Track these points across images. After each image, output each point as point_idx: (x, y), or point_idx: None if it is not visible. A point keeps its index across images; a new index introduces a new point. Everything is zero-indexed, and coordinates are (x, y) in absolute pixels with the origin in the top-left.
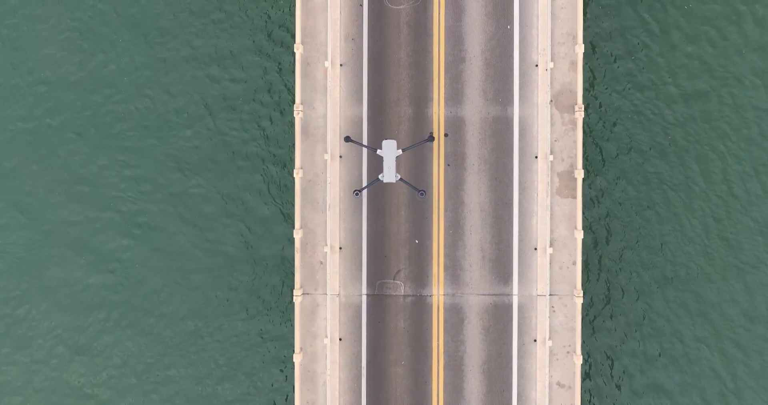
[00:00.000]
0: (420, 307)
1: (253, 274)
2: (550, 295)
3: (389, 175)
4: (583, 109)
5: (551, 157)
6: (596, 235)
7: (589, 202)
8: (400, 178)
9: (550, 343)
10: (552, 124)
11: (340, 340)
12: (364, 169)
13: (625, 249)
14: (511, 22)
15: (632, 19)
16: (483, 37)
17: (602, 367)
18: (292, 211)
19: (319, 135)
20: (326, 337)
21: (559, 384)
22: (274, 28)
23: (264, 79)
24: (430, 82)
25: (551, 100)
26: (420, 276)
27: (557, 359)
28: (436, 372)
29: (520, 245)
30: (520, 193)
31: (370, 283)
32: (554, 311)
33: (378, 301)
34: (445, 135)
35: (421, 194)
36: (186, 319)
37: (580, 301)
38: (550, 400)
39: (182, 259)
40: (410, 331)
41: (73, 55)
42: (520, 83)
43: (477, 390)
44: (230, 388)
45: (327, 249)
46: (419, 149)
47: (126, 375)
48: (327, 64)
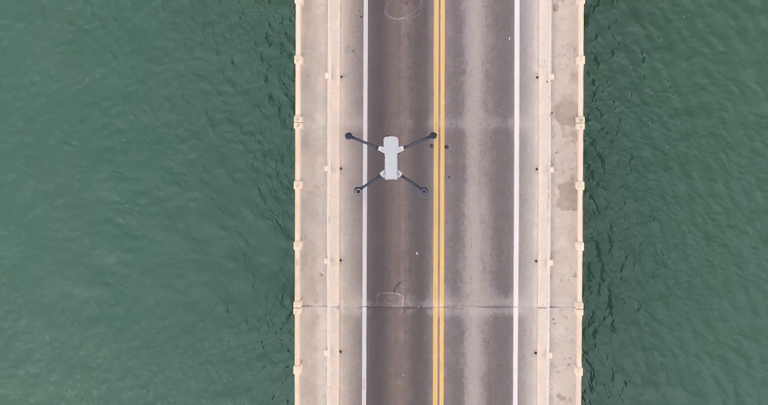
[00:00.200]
0: (420, 320)
1: (252, 287)
2: (551, 308)
3: (391, 172)
4: (584, 120)
5: (552, 169)
6: (599, 243)
7: (592, 213)
8: (402, 175)
9: (550, 356)
10: (552, 136)
11: (341, 352)
12: (365, 181)
13: (628, 257)
14: (512, 34)
15: (634, 30)
16: (483, 48)
17: (604, 377)
18: (287, 223)
19: (319, 147)
20: (326, 349)
21: (559, 396)
22: (274, 39)
23: (263, 91)
24: (430, 93)
25: (552, 112)
26: (420, 288)
27: (558, 371)
28: (436, 384)
29: (520, 257)
30: (521, 205)
31: (370, 295)
32: (555, 323)
33: (378, 314)
34: (446, 147)
35: (423, 191)
36: (184, 333)
37: (580, 314)
38: None
39: (179, 272)
40: (410, 343)
41: (72, 67)
42: (520, 95)
43: (477, 402)
44: (230, 401)
45: (327, 261)
46: (420, 161)
47: (123, 389)
48: (327, 75)
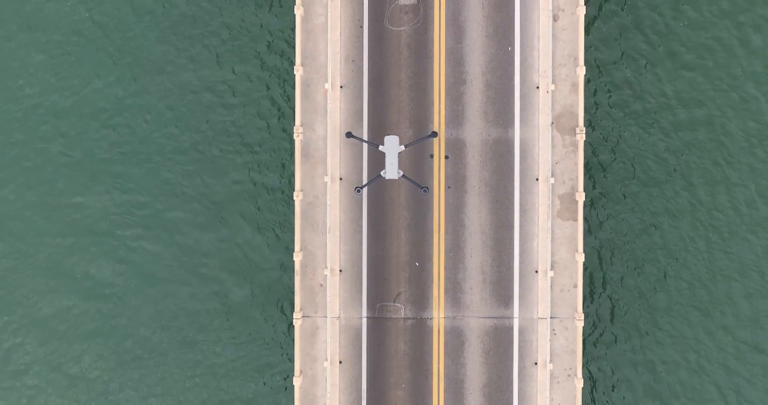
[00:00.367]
0: (420, 330)
1: (251, 297)
2: (551, 318)
3: (392, 171)
4: (584, 131)
5: (552, 180)
6: (601, 252)
7: (594, 223)
8: (403, 175)
9: (550, 366)
10: (553, 147)
11: (340, 362)
12: (365, 191)
13: (629, 267)
14: (512, 44)
15: (636, 39)
16: (484, 58)
17: (605, 388)
18: (286, 234)
19: (319, 157)
20: (326, 359)
21: None
22: (274, 49)
23: (262, 103)
24: (430, 104)
25: (552, 122)
26: (420, 299)
27: (558, 382)
28: (436, 395)
29: (520, 268)
30: (521, 216)
31: (370, 306)
32: (555, 334)
33: (378, 324)
34: (446, 157)
35: (424, 191)
36: (183, 345)
37: (581, 324)
38: None
39: (178, 284)
40: (410, 353)
41: (70, 78)
42: (521, 105)
43: None
44: None
45: (327, 271)
46: (420, 172)
47: (122, 401)
48: (327, 85)
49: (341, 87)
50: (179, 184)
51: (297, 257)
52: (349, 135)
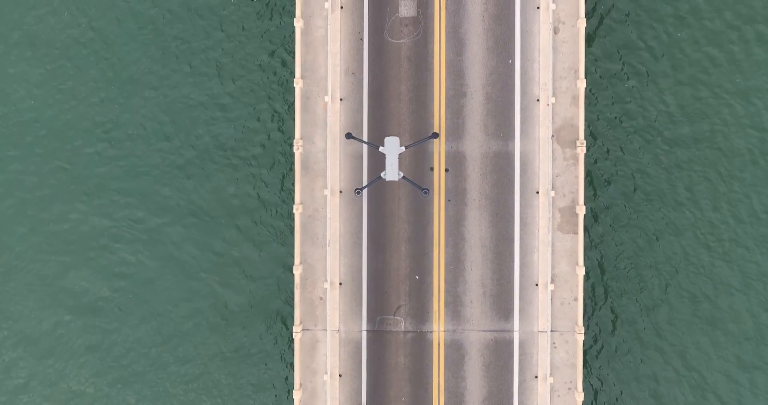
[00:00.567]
0: (420, 343)
1: (249, 309)
2: (552, 332)
3: (392, 173)
4: (585, 144)
5: (552, 193)
6: (603, 262)
7: (595, 233)
8: (403, 176)
9: (551, 380)
10: (553, 160)
11: (340, 376)
12: (365, 204)
13: (632, 278)
14: (513, 57)
15: (637, 52)
16: (484, 71)
17: (606, 400)
18: (284, 247)
19: (318, 170)
20: (326, 373)
21: None
22: (274, 62)
23: (261, 114)
24: (430, 116)
25: (553, 135)
26: (420, 312)
27: (558, 396)
28: None
29: (521, 281)
30: (521, 229)
31: (370, 319)
32: (555, 347)
33: (378, 337)
34: (446, 170)
35: (425, 193)
36: (180, 360)
37: (581, 338)
38: None
39: (175, 299)
40: (410, 367)
41: (66, 93)
42: (521, 118)
43: None
44: None
45: (327, 285)
46: (420, 185)
47: None
48: (327, 98)
49: (341, 99)
50: (175, 198)
51: (297, 270)
52: (349, 136)
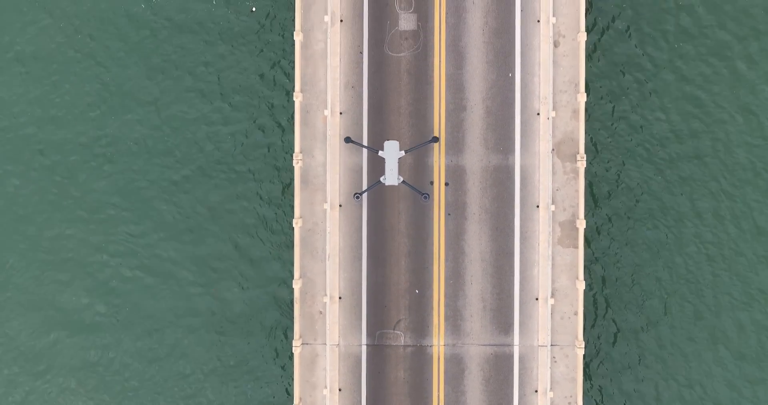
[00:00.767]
0: (420, 358)
1: (249, 322)
2: (552, 346)
3: (391, 177)
4: (585, 158)
5: (553, 207)
6: (606, 274)
7: (598, 246)
8: (403, 181)
9: (551, 394)
10: (553, 173)
11: (340, 390)
12: (364, 218)
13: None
14: (513, 70)
15: (638, 65)
16: (484, 85)
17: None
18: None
19: (318, 184)
20: (326, 387)
21: None
22: (274, 76)
23: (262, 128)
24: (430, 130)
25: (553, 149)
26: (420, 326)
27: None
28: None
29: (521, 295)
30: (522, 243)
31: (370, 333)
32: (555, 362)
33: (378, 352)
34: (446, 184)
35: (425, 198)
36: (177, 376)
37: (581, 352)
38: None
39: (176, 316)
40: (410, 381)
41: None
42: (521, 132)
43: None
44: None
45: (327, 299)
46: (420, 200)
47: None
48: (327, 112)
49: (341, 113)
50: (173, 212)
51: (296, 284)
52: (348, 140)
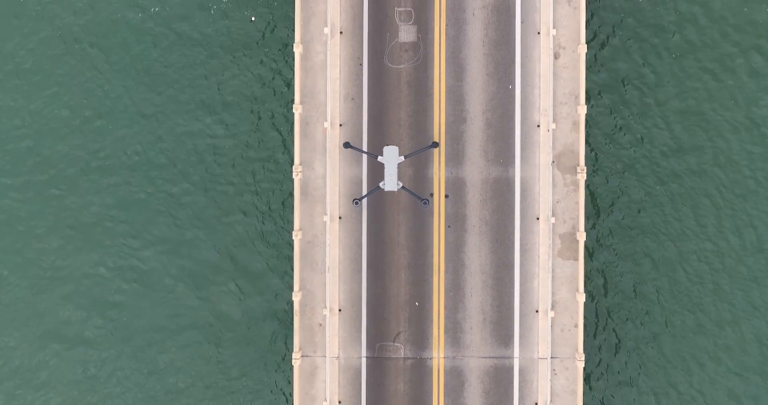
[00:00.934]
0: (420, 370)
1: (248, 332)
2: (552, 358)
3: (391, 183)
4: (585, 170)
5: (553, 219)
6: (607, 285)
7: (599, 257)
8: (402, 186)
9: None
10: (554, 186)
11: (340, 402)
12: (364, 230)
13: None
14: (513, 82)
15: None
16: (484, 97)
17: None
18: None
19: (318, 196)
20: (325, 400)
21: None
22: (273, 87)
23: (262, 139)
24: (430, 142)
25: (553, 161)
26: (420, 338)
27: None
28: None
29: (521, 308)
30: (522, 255)
31: (369, 346)
32: (555, 374)
33: (378, 364)
34: (446, 196)
35: (425, 203)
36: (179, 386)
37: (581, 364)
38: None
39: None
40: (410, 393)
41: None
42: (521, 144)
43: None
44: None
45: (326, 311)
46: (420, 211)
47: None
48: (326, 124)
49: (341, 125)
50: (170, 225)
51: (296, 297)
52: (347, 145)
